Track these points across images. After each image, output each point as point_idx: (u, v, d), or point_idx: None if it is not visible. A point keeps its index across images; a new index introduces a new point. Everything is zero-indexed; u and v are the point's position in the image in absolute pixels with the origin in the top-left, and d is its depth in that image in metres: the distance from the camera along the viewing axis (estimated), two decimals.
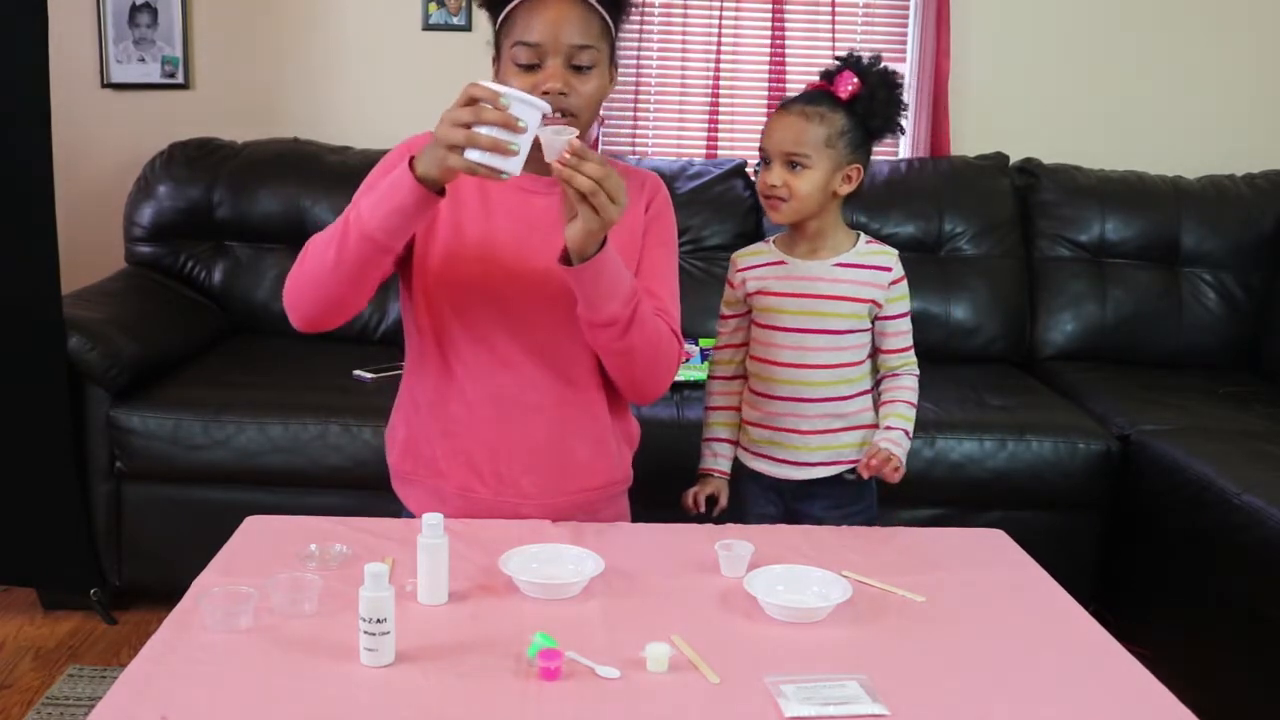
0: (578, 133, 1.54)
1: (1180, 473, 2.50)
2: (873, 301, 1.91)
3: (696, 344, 2.96)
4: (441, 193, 1.50)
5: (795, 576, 1.50)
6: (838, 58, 1.90)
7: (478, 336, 1.71)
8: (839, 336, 1.91)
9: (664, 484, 1.98)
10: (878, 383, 1.98)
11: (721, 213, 3.33)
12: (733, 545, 1.55)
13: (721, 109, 3.67)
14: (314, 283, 1.58)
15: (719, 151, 3.67)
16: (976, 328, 3.29)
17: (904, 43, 3.67)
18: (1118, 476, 2.70)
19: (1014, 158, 3.53)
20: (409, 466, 1.80)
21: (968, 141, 3.58)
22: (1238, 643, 2.32)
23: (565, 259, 1.56)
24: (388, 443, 1.86)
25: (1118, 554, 2.74)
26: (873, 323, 1.94)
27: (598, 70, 1.64)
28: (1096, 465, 2.70)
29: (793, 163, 1.85)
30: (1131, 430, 2.74)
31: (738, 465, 2.01)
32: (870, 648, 1.37)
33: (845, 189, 1.89)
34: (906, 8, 3.67)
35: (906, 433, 1.91)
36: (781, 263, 1.94)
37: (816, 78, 1.91)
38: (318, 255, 1.56)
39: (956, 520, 2.57)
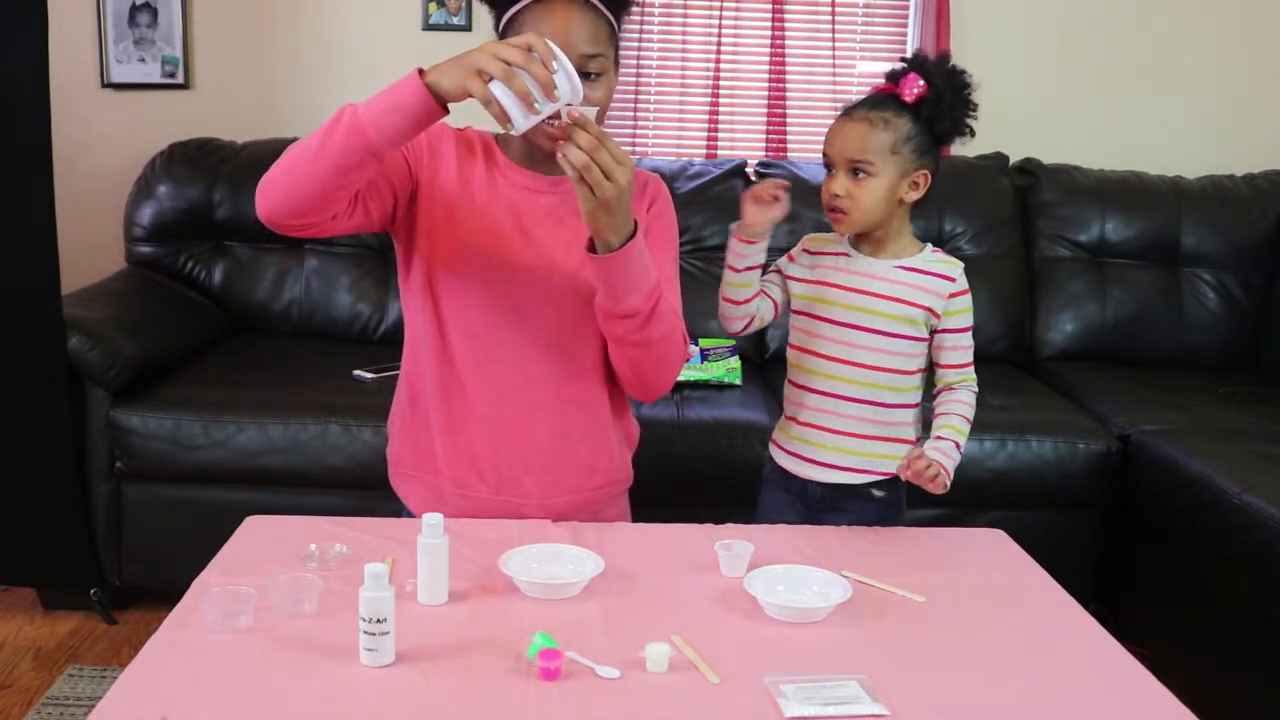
0: (598, 109, 1.54)
1: (1180, 473, 2.50)
2: (929, 310, 1.84)
3: (696, 344, 2.96)
4: (444, 110, 1.47)
5: (795, 576, 1.50)
6: (903, 59, 1.82)
7: (479, 333, 1.70)
8: (886, 339, 1.83)
9: (664, 484, 1.98)
10: (933, 398, 1.90)
11: (721, 213, 3.32)
12: (733, 545, 1.55)
13: (721, 109, 3.67)
14: (289, 169, 1.53)
15: (719, 151, 3.67)
16: (977, 328, 3.26)
17: (904, 43, 3.67)
18: (1118, 476, 2.70)
19: (1014, 158, 3.53)
20: (408, 462, 1.80)
21: (968, 141, 3.57)
22: (1238, 643, 2.32)
23: (591, 247, 1.54)
24: (388, 437, 1.86)
25: (1117, 554, 2.74)
26: (931, 335, 1.86)
27: (606, 77, 1.63)
28: (1096, 465, 2.70)
29: (856, 170, 1.78)
30: (1131, 430, 2.74)
31: (768, 465, 1.96)
32: (870, 648, 1.37)
33: (912, 195, 1.82)
34: (906, 8, 3.67)
35: (958, 445, 1.83)
36: (846, 254, 1.88)
37: (883, 79, 1.84)
38: (300, 144, 1.53)
39: (956, 520, 2.57)
